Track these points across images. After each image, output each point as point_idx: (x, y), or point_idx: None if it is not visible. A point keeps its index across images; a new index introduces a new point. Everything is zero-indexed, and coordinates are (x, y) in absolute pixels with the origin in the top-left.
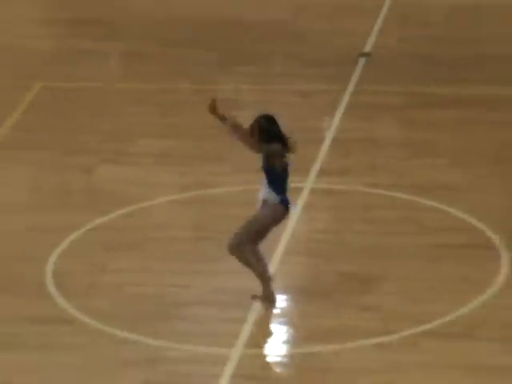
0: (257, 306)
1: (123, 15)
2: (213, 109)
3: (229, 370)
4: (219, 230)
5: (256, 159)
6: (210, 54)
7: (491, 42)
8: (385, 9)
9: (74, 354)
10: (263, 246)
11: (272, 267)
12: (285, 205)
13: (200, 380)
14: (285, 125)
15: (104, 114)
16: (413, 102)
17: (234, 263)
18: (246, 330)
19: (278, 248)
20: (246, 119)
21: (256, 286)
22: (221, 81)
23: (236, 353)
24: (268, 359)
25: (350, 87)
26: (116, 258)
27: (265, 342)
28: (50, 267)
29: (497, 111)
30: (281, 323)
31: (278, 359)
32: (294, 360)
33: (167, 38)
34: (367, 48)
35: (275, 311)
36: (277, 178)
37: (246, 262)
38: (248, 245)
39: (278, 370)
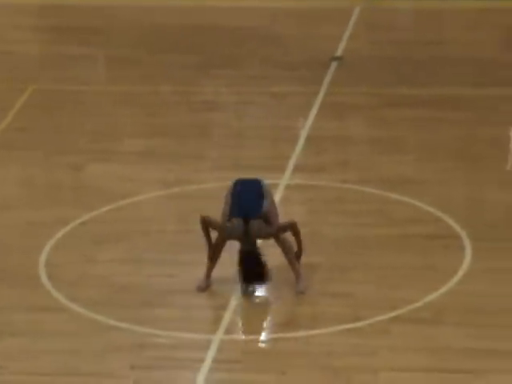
0: (237, 295)
1: (110, 23)
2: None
3: (211, 354)
4: None
5: (234, 157)
6: (191, 58)
7: (453, 44)
8: (355, 14)
9: (66, 341)
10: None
11: None
12: None
13: (184, 364)
14: (261, 125)
15: (92, 115)
16: (381, 102)
17: None
18: (227, 317)
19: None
20: (225, 120)
21: (232, 274)
22: (201, 83)
23: (218, 338)
24: (247, 344)
25: (323, 89)
26: (105, 249)
27: (244, 327)
28: (42, 259)
29: (460, 110)
30: (259, 310)
31: (257, 344)
32: (272, 345)
33: (151, 43)
34: (339, 52)
35: (254, 299)
36: None
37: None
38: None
39: (256, 354)
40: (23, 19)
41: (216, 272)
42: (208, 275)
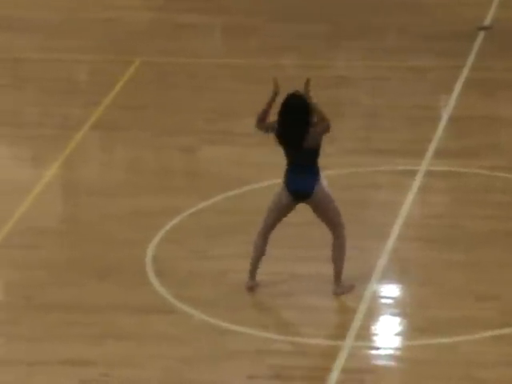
0: (369, 296)
1: None
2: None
3: (339, 363)
4: None
5: (365, 140)
6: (318, 27)
7: None
8: None
9: (175, 346)
10: (367, 232)
11: (385, 254)
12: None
13: (308, 374)
14: (398, 104)
15: (206, 91)
16: None
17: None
18: (357, 321)
19: (391, 234)
20: (357, 98)
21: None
22: (330, 56)
23: (347, 345)
24: (380, 352)
25: (469, 63)
26: (219, 243)
27: (377, 333)
28: (150, 253)
29: None
30: (393, 314)
31: (391, 352)
32: (408, 353)
33: (273, 10)
34: (487, 21)
35: (388, 301)
36: None
37: None
38: None
39: (390, 363)
40: None
41: (347, 271)
42: None
